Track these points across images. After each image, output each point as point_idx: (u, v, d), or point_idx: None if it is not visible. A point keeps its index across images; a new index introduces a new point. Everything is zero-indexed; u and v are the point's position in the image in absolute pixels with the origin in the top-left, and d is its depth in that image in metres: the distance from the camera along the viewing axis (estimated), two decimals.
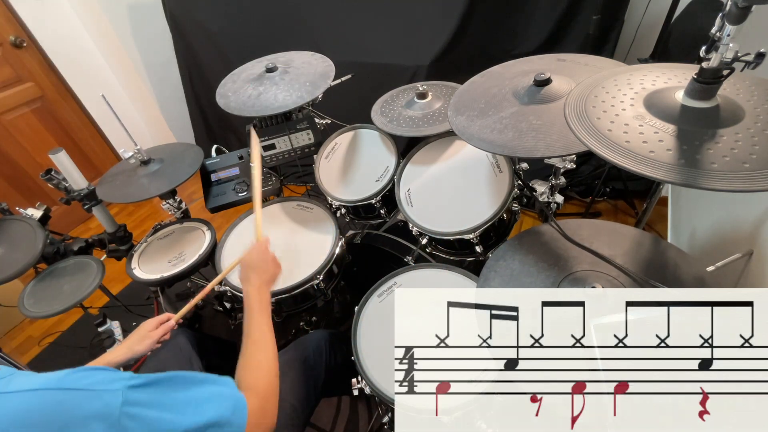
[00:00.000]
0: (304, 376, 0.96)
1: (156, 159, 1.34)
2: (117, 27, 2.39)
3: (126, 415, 0.44)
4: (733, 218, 1.03)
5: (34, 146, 2.26)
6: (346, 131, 1.33)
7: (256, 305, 0.81)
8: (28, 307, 1.19)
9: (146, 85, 2.65)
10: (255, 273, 0.87)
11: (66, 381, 0.44)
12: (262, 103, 1.18)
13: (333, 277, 1.19)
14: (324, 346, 1.05)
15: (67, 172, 1.28)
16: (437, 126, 1.11)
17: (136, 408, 0.45)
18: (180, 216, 1.42)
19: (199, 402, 0.54)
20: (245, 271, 0.89)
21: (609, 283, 0.76)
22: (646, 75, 0.65)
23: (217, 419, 0.54)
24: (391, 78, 1.77)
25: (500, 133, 0.78)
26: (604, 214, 1.93)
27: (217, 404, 0.56)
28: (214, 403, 0.56)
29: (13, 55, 2.12)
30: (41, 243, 1.21)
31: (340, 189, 1.23)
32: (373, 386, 0.83)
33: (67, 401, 0.42)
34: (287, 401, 0.91)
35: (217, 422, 0.54)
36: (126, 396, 0.45)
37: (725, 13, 0.50)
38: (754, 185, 0.47)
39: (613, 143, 0.54)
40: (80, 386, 0.44)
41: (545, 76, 0.81)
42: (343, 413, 1.27)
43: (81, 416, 0.42)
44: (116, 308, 1.58)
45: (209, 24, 2.11)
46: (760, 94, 0.58)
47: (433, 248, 1.13)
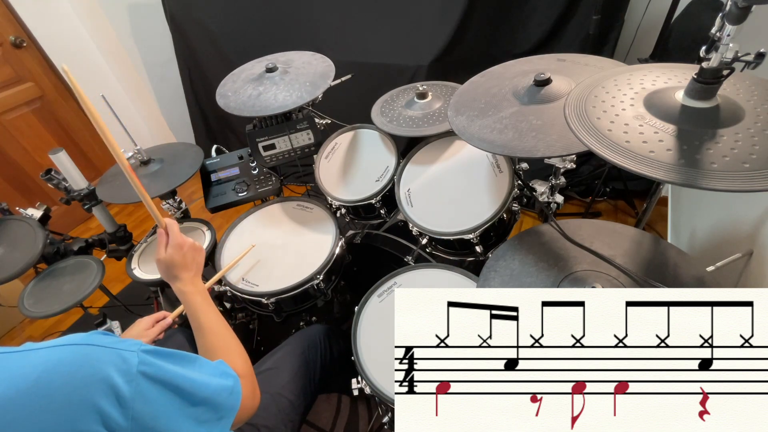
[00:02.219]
0: (301, 370, 0.97)
1: (156, 159, 1.34)
2: (117, 27, 2.39)
3: (141, 373, 0.48)
4: (733, 218, 1.03)
5: (34, 146, 2.26)
6: (346, 131, 1.33)
7: (198, 297, 0.77)
8: (28, 307, 1.19)
9: (146, 85, 2.64)
10: (180, 269, 0.79)
11: (91, 338, 0.48)
12: (262, 103, 1.18)
13: (333, 277, 1.19)
14: (322, 340, 1.05)
15: (67, 172, 1.28)
16: (437, 126, 1.11)
17: (150, 368, 0.49)
18: (180, 216, 1.43)
19: (203, 375, 0.57)
20: (170, 271, 0.79)
21: (609, 283, 0.76)
22: (646, 75, 0.65)
23: (218, 394, 0.57)
24: (391, 78, 1.77)
25: (500, 133, 0.78)
26: (604, 214, 1.93)
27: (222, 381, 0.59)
28: (218, 378, 0.59)
29: (13, 55, 2.12)
30: (41, 243, 1.21)
31: (340, 189, 1.23)
32: (373, 386, 0.83)
33: (93, 354, 0.46)
34: (284, 395, 0.92)
35: (218, 399, 0.57)
36: (141, 357, 0.49)
37: (725, 13, 0.50)
38: (754, 185, 0.47)
39: (613, 143, 0.54)
40: (104, 343, 0.48)
41: (545, 76, 0.81)
42: (343, 413, 1.27)
43: (105, 369, 0.45)
44: (116, 308, 1.58)
45: (209, 24, 2.11)
46: (760, 94, 0.58)
47: (433, 248, 1.13)
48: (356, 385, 0.87)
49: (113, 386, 0.45)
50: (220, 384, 0.58)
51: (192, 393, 0.53)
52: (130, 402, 0.46)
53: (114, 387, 0.45)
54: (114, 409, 0.45)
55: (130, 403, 0.46)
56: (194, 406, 0.53)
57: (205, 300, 0.78)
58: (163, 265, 0.80)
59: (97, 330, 0.56)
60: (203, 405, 0.55)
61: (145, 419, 0.47)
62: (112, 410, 0.44)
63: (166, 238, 0.81)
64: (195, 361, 0.58)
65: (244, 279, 1.13)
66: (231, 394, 0.59)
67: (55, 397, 0.42)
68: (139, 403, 0.47)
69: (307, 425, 1.17)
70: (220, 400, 0.57)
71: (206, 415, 0.55)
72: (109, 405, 0.44)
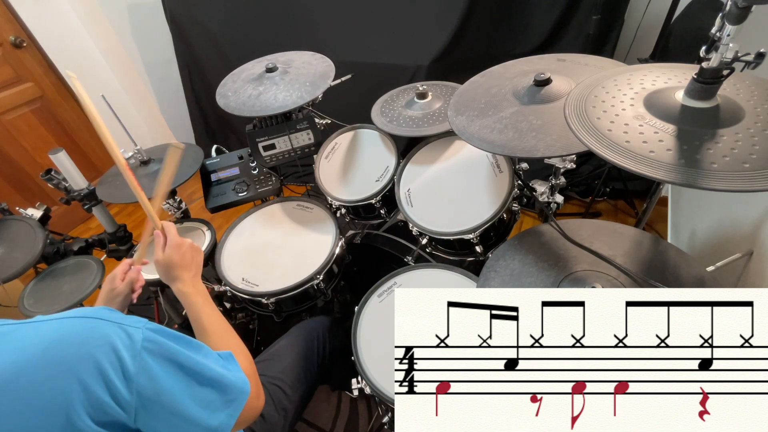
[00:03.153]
0: (298, 360, 0.97)
1: (156, 159, 1.34)
2: (117, 27, 2.39)
3: (145, 349, 0.49)
4: (733, 218, 1.03)
5: (34, 146, 2.26)
6: (346, 131, 1.33)
7: (199, 298, 0.77)
8: (28, 307, 1.19)
9: (146, 85, 2.64)
10: (180, 270, 0.79)
11: (99, 312, 0.49)
12: (262, 103, 1.18)
13: (333, 277, 1.19)
14: (322, 333, 1.05)
15: (67, 172, 1.28)
16: (437, 126, 1.11)
17: (154, 345, 0.50)
18: (180, 216, 1.43)
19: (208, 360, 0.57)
20: (169, 272, 0.79)
21: (609, 283, 0.76)
22: (646, 75, 0.65)
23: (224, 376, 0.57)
24: (391, 78, 1.77)
25: (500, 133, 0.78)
26: (604, 214, 1.93)
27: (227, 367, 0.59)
28: (221, 366, 0.59)
29: (13, 55, 2.12)
30: (41, 243, 1.21)
31: (340, 189, 1.23)
32: (373, 386, 0.83)
33: (100, 328, 0.48)
34: (277, 384, 0.92)
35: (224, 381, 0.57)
36: (146, 334, 0.50)
37: (725, 13, 0.50)
38: (754, 185, 0.47)
39: (613, 143, 0.54)
40: (110, 318, 0.49)
41: (545, 76, 0.81)
42: (343, 413, 1.27)
43: (111, 342, 0.47)
44: None
45: (209, 24, 2.11)
46: (760, 94, 0.58)
47: (433, 248, 1.13)
48: (356, 385, 0.87)
49: (120, 358, 0.46)
50: (226, 368, 0.58)
51: (197, 372, 0.54)
52: (134, 377, 0.47)
53: (120, 359, 0.46)
54: (119, 381, 0.46)
55: (134, 378, 0.47)
56: (200, 386, 0.54)
57: (207, 301, 0.78)
58: (162, 266, 0.79)
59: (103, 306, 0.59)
60: (209, 385, 0.55)
61: (149, 394, 0.48)
62: (117, 382, 0.46)
63: (164, 240, 0.80)
64: (200, 347, 0.58)
65: (244, 279, 1.13)
66: (238, 378, 0.59)
67: (64, 364, 0.44)
68: (143, 378, 0.48)
69: (307, 425, 1.17)
70: (227, 381, 0.57)
71: (212, 397, 0.55)
72: (115, 376, 0.46)
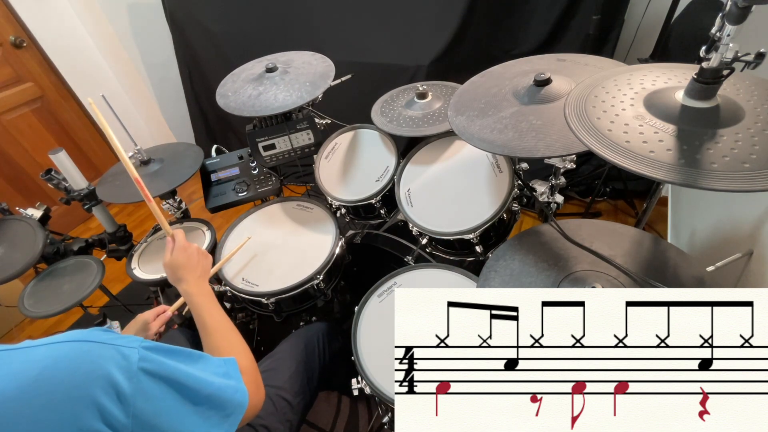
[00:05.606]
0: (299, 369, 0.97)
1: (156, 159, 1.34)
2: (117, 27, 2.39)
3: (142, 369, 0.48)
4: (733, 218, 1.03)
5: (34, 146, 2.26)
6: (346, 131, 1.33)
7: (202, 298, 0.79)
8: (28, 307, 1.19)
9: (146, 85, 2.65)
10: (185, 271, 0.84)
11: (91, 335, 0.48)
12: (262, 103, 1.18)
13: (333, 277, 1.19)
14: (321, 339, 1.05)
15: (67, 172, 1.28)
16: (437, 126, 1.11)
17: (151, 364, 0.49)
18: (180, 216, 1.43)
19: (206, 373, 0.57)
20: (175, 273, 0.84)
21: (609, 283, 0.76)
22: (646, 75, 0.65)
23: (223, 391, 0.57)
24: (391, 78, 1.77)
25: (500, 133, 0.78)
26: (604, 214, 1.93)
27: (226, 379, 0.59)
28: (222, 376, 0.59)
29: (13, 55, 2.12)
30: (41, 243, 1.21)
31: (340, 189, 1.23)
32: (373, 386, 0.83)
33: (93, 351, 0.46)
34: (282, 395, 0.92)
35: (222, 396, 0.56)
36: (142, 353, 0.49)
37: (725, 13, 0.50)
38: (754, 185, 0.47)
39: (613, 143, 0.54)
40: (103, 340, 0.48)
41: (545, 76, 0.81)
42: (343, 413, 1.27)
43: (105, 366, 0.45)
44: (116, 308, 1.58)
45: (209, 24, 2.11)
46: (760, 94, 0.58)
47: (433, 248, 1.13)
48: (356, 385, 0.87)
49: (113, 383, 0.45)
50: (224, 381, 0.58)
51: (194, 390, 0.53)
52: (130, 399, 0.46)
53: (114, 384, 0.45)
54: (114, 405, 0.44)
55: (130, 400, 0.46)
56: (197, 405, 0.53)
57: (211, 301, 0.79)
58: (169, 267, 0.85)
59: (96, 327, 0.57)
60: (207, 403, 0.54)
61: (146, 416, 0.47)
62: (112, 407, 0.44)
63: (173, 244, 0.87)
64: (199, 358, 0.58)
65: (244, 279, 1.13)
66: (236, 391, 0.59)
67: (55, 394, 0.42)
68: (139, 400, 0.47)
69: (307, 425, 1.17)
70: (225, 397, 0.57)
71: (210, 413, 0.54)
72: (109, 401, 0.44)
